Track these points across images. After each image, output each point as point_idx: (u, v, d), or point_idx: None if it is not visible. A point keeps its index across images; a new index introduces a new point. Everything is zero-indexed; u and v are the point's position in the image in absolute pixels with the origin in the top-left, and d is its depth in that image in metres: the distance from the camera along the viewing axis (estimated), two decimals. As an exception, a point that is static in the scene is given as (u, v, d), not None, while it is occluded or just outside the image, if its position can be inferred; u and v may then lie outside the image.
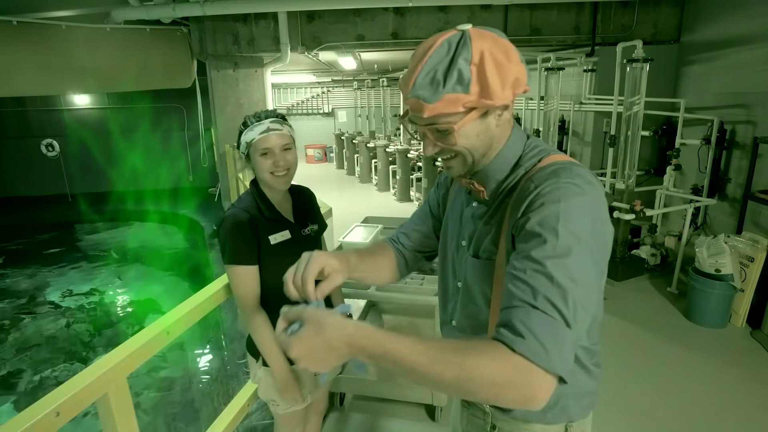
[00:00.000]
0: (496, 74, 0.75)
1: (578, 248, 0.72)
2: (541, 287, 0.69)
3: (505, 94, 0.77)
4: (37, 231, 8.76)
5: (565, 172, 0.78)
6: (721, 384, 2.79)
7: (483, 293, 0.91)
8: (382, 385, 2.40)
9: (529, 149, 0.89)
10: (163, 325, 1.19)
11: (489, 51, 0.75)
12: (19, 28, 5.81)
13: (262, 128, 1.42)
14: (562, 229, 0.72)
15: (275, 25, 5.90)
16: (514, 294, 0.71)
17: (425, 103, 0.77)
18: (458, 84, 0.75)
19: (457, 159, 0.86)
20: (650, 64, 3.90)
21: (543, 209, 0.75)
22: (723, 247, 3.22)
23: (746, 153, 4.27)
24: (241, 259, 1.43)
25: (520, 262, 0.73)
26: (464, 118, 0.78)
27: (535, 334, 0.66)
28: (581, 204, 0.75)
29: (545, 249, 0.72)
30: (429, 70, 0.77)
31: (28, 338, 5.14)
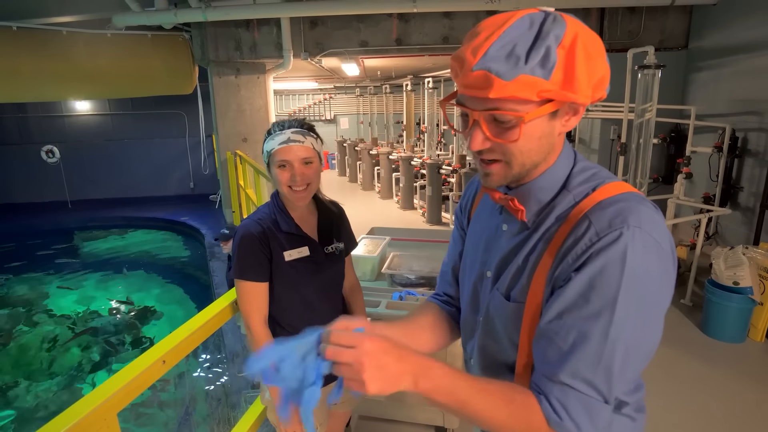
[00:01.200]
0: (585, 65, 0.62)
1: (638, 318, 0.65)
2: (583, 365, 0.65)
3: (588, 92, 0.64)
4: (36, 238, 8.68)
5: (633, 217, 0.64)
6: (740, 401, 2.68)
7: (508, 336, 0.79)
8: (390, 405, 2.29)
9: (579, 170, 0.74)
10: (159, 353, 1.09)
11: (583, 38, 0.63)
12: (19, 34, 5.76)
13: (282, 138, 1.31)
14: (622, 299, 0.63)
15: (278, 31, 5.84)
16: (553, 360, 0.67)
17: (498, 79, 0.61)
18: (540, 66, 0.61)
19: (502, 164, 0.70)
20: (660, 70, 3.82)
21: (603, 268, 0.63)
22: (741, 258, 3.12)
23: (760, 161, 4.17)
24: (248, 275, 1.34)
25: (563, 323, 0.66)
26: (537, 109, 0.64)
27: (571, 414, 0.66)
28: (649, 266, 0.64)
29: (598, 319, 0.64)
30: (507, 42, 0.62)
31: (25, 347, 5.04)
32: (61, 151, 9.92)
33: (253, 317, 1.37)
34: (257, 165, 4.76)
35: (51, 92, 6.78)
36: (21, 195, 10.02)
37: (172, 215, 8.85)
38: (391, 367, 0.62)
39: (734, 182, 4.44)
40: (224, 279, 5.14)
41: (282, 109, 13.58)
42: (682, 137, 5.03)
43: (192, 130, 9.83)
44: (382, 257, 2.40)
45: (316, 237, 1.46)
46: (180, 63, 6.56)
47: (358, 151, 9.99)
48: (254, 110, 6.54)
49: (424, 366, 0.65)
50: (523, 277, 0.74)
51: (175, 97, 7.80)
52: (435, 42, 5.83)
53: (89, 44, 6.09)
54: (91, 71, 6.25)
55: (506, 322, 0.78)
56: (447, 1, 5.36)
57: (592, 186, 0.72)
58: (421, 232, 2.91)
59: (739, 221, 4.42)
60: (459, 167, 6.27)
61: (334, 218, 1.54)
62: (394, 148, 8.87)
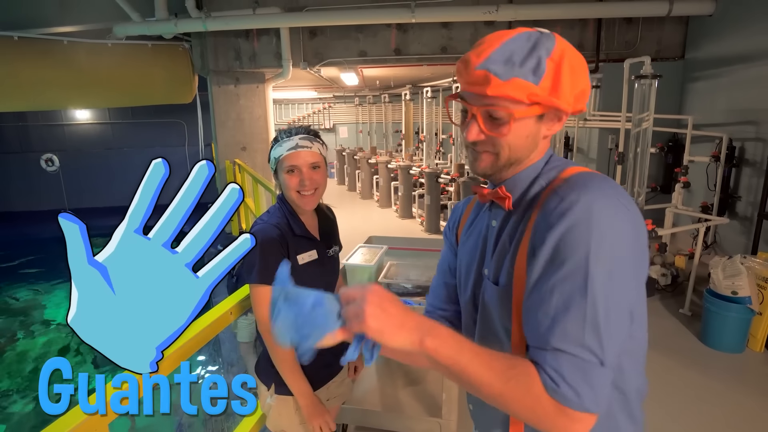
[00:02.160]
0: (569, 77, 0.73)
1: (613, 275, 0.67)
2: (571, 326, 0.66)
3: (569, 100, 0.74)
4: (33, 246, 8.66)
5: (593, 182, 0.71)
6: (740, 411, 2.65)
7: (503, 324, 0.81)
8: (387, 416, 2.27)
9: (551, 161, 0.83)
10: (152, 363, 1.08)
11: (569, 55, 0.74)
12: (20, 44, 5.79)
13: (290, 144, 1.34)
14: (594, 257, 0.66)
15: (277, 41, 5.89)
16: (542, 330, 0.68)
17: (495, 78, 0.71)
18: (532, 73, 0.71)
19: (491, 155, 0.79)
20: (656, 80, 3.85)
21: (572, 229, 0.67)
22: (740, 268, 3.11)
23: (757, 170, 4.18)
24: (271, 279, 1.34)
25: (545, 288, 0.68)
26: (526, 108, 0.73)
27: (567, 380, 0.65)
28: (616, 224, 0.68)
29: (575, 278, 0.66)
30: (506, 50, 0.72)
31: (21, 356, 5.00)
32: (61, 159, 9.94)
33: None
34: (256, 174, 4.77)
35: (51, 101, 6.80)
36: (19, 203, 10.02)
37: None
38: (394, 314, 0.66)
39: (732, 191, 4.45)
40: (222, 288, 5.12)
41: (281, 118, 13.64)
42: (680, 147, 5.05)
43: (191, 138, 9.86)
44: (379, 266, 2.39)
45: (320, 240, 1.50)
46: (180, 72, 6.60)
47: (357, 160, 10.01)
48: (253, 119, 6.56)
49: (430, 324, 0.68)
50: (507, 260, 0.79)
51: (175, 106, 7.82)
52: (433, 52, 5.87)
53: (90, 54, 6.13)
54: (91, 80, 6.28)
55: (498, 309, 0.81)
56: (445, 11, 5.41)
57: (559, 169, 0.80)
58: (418, 241, 2.91)
59: (737, 230, 4.42)
60: (457, 176, 6.28)
61: (330, 222, 1.58)
62: (393, 157, 8.89)
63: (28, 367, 4.84)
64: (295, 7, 5.69)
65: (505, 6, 5.15)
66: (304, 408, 1.41)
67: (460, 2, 5.50)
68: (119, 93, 6.67)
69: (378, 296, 0.66)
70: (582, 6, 5.36)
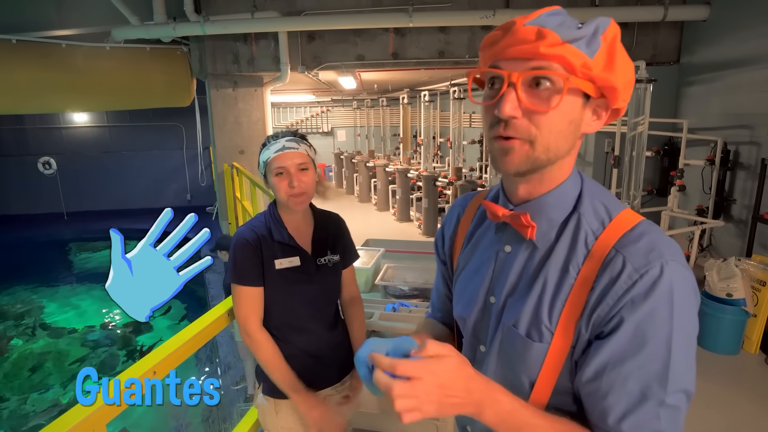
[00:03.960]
0: (622, 59, 0.63)
1: (688, 354, 0.63)
2: (647, 416, 0.62)
3: (620, 85, 0.64)
4: (30, 249, 8.64)
5: (666, 250, 0.63)
6: (735, 413, 2.67)
7: (527, 375, 0.72)
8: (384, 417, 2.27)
9: (588, 192, 0.71)
10: (149, 364, 1.09)
11: (620, 39, 0.65)
12: (18, 47, 5.80)
13: (277, 146, 1.36)
14: (676, 341, 0.61)
15: (275, 45, 5.91)
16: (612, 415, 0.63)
17: (551, 33, 0.59)
18: (586, 45, 0.61)
19: (526, 145, 0.64)
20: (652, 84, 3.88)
21: (656, 311, 0.61)
22: (734, 270, 3.13)
23: (751, 174, 4.21)
24: (243, 279, 1.38)
25: (621, 373, 0.62)
26: (578, 82, 0.62)
27: None
28: (690, 300, 0.63)
29: (654, 364, 0.61)
30: (560, 14, 0.63)
31: (18, 360, 4.99)
32: (58, 162, 9.93)
33: (250, 321, 1.39)
34: (254, 177, 4.78)
35: (49, 104, 6.81)
36: (16, 206, 10.00)
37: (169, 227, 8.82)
38: (453, 402, 0.58)
39: (727, 195, 4.47)
40: (220, 290, 5.13)
41: (279, 121, 13.65)
42: (676, 150, 5.08)
43: (189, 142, 9.87)
44: (376, 269, 2.40)
45: (310, 248, 1.47)
46: (178, 76, 6.61)
47: (355, 163, 10.03)
48: (251, 123, 6.58)
49: (491, 396, 0.61)
50: (544, 314, 0.68)
51: (173, 110, 7.84)
52: (431, 56, 5.90)
53: (88, 57, 6.14)
54: (89, 84, 6.28)
55: (524, 362, 0.72)
56: (443, 16, 5.44)
57: (605, 213, 0.69)
58: (415, 243, 2.93)
59: (732, 233, 4.45)
60: (455, 179, 6.30)
61: (330, 230, 1.54)
62: (391, 161, 8.90)
63: (25, 369, 4.82)
64: (293, 12, 5.72)
65: (502, 10, 5.18)
66: (298, 404, 1.39)
67: (458, 7, 5.54)
68: (117, 96, 6.68)
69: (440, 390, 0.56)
70: (577, 11, 5.40)
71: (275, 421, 1.48)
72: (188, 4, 5.37)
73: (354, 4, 5.68)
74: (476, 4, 5.57)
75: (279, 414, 1.47)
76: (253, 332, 1.39)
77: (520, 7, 5.40)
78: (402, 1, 5.44)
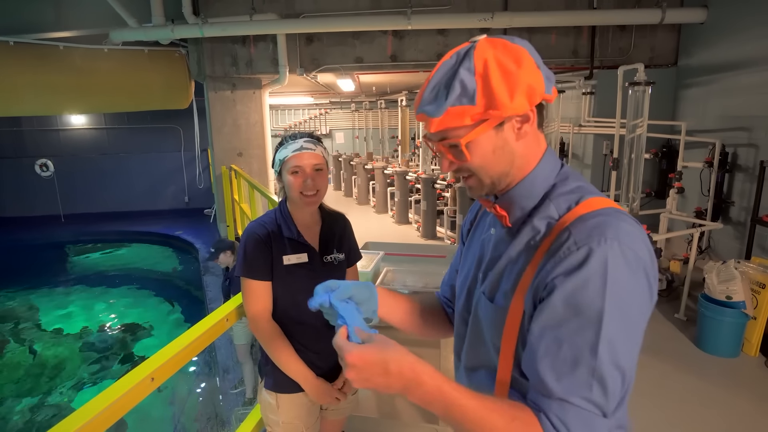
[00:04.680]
0: (502, 83, 0.70)
1: (623, 331, 0.67)
2: (579, 381, 0.66)
3: (516, 104, 0.71)
4: (27, 252, 8.59)
5: (611, 231, 0.68)
6: (736, 415, 2.67)
7: (493, 342, 0.82)
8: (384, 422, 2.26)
9: (562, 180, 0.79)
10: (148, 370, 1.07)
11: (495, 59, 0.71)
12: (16, 49, 5.78)
13: (296, 146, 1.40)
14: (608, 313, 0.65)
15: (274, 47, 5.90)
16: (549, 379, 0.68)
17: (430, 118, 0.74)
18: (463, 96, 0.71)
19: (474, 178, 0.79)
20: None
21: (587, 284, 0.66)
22: (734, 273, 3.13)
23: (750, 176, 4.22)
24: (253, 274, 1.41)
25: (555, 338, 0.68)
26: (472, 131, 0.73)
27: (571, 430, 0.67)
28: (630, 278, 0.67)
29: (586, 334, 0.66)
30: (434, 84, 0.75)
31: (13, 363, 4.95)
32: (56, 164, 9.89)
33: (260, 314, 1.42)
34: (252, 179, 4.77)
35: (47, 106, 6.79)
36: (13, 208, 9.95)
37: (167, 229, 8.81)
38: (376, 382, 0.68)
39: (725, 197, 4.48)
40: (218, 294, 5.10)
41: (277, 123, 13.65)
42: (674, 152, 5.09)
43: (187, 144, 9.84)
44: (376, 272, 2.39)
45: (317, 246, 1.51)
46: (176, 78, 6.60)
47: (354, 165, 10.02)
48: (250, 125, 6.56)
49: (413, 383, 0.68)
50: (505, 282, 0.78)
51: (170, 112, 7.83)
52: (429, 58, 5.91)
53: (86, 59, 6.13)
54: (87, 86, 6.27)
55: (490, 326, 0.81)
56: (441, 18, 5.45)
57: (575, 199, 0.75)
58: (414, 246, 2.91)
59: (730, 235, 4.45)
60: (453, 182, 6.30)
61: (337, 229, 1.58)
62: (389, 163, 8.90)
63: (19, 372, 4.78)
64: (291, 14, 5.71)
65: (500, 13, 5.19)
66: (309, 392, 1.46)
67: (456, 9, 5.55)
68: (115, 98, 6.66)
69: (359, 372, 0.68)
70: (576, 14, 5.41)
71: (276, 415, 1.52)
72: (186, 6, 5.36)
73: (352, 7, 5.68)
74: (475, 6, 5.58)
75: (280, 408, 1.50)
76: (265, 325, 1.43)
77: (518, 9, 5.41)
78: (400, 4, 5.44)
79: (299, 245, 1.46)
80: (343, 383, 1.55)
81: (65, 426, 0.92)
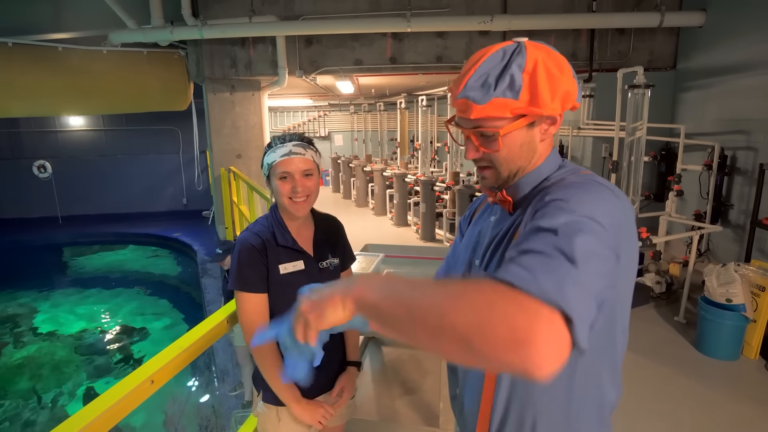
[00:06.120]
0: (547, 84, 0.75)
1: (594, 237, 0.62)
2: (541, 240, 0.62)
3: (554, 106, 0.76)
4: (24, 254, 8.55)
5: (588, 176, 0.78)
6: (735, 419, 2.66)
7: None
8: (384, 425, 2.25)
9: (562, 167, 0.87)
10: (147, 373, 1.06)
11: (543, 61, 0.76)
12: (14, 50, 5.77)
13: (283, 151, 1.34)
14: (578, 210, 0.65)
15: (273, 49, 5.90)
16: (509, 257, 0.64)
17: (474, 104, 0.77)
18: (509, 89, 0.75)
19: (493, 170, 0.85)
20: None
21: (556, 201, 0.69)
22: (734, 276, 3.13)
23: (749, 179, 4.23)
24: (247, 286, 1.36)
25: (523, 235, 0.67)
26: (511, 124, 0.78)
27: (533, 270, 0.56)
28: (606, 198, 0.70)
29: (554, 237, 0.61)
30: (481, 74, 0.77)
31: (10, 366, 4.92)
32: (54, 166, 9.85)
33: (255, 328, 1.37)
34: (251, 181, 4.75)
35: (45, 108, 6.77)
36: (10, 210, 9.90)
37: (165, 231, 8.78)
38: (321, 301, 0.68)
39: (724, 200, 4.49)
40: (216, 296, 5.08)
41: (276, 125, 13.64)
42: (673, 155, 5.10)
43: (186, 146, 9.82)
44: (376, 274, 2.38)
45: (311, 251, 1.47)
46: (175, 79, 6.59)
47: (352, 167, 10.02)
48: (249, 127, 6.56)
49: (349, 281, 0.68)
50: (499, 252, 0.84)
51: (169, 113, 7.80)
52: (429, 61, 5.91)
53: (85, 60, 6.11)
54: (86, 87, 6.25)
55: None
56: (440, 21, 5.45)
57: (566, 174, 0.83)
58: (414, 249, 2.91)
59: (730, 238, 4.46)
60: (452, 184, 6.30)
61: (330, 233, 1.54)
62: (388, 165, 8.91)
63: (17, 375, 4.75)
64: (291, 16, 5.71)
65: (500, 16, 5.20)
66: (296, 414, 1.41)
67: (456, 12, 5.56)
68: (114, 100, 6.64)
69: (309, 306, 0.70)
70: (575, 17, 5.43)
71: (277, 428, 1.47)
72: (186, 8, 5.36)
73: (352, 9, 5.68)
74: (474, 9, 5.59)
75: (281, 421, 1.46)
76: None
77: (517, 12, 5.42)
78: (400, 6, 5.45)
79: (294, 252, 1.42)
80: (339, 390, 1.51)
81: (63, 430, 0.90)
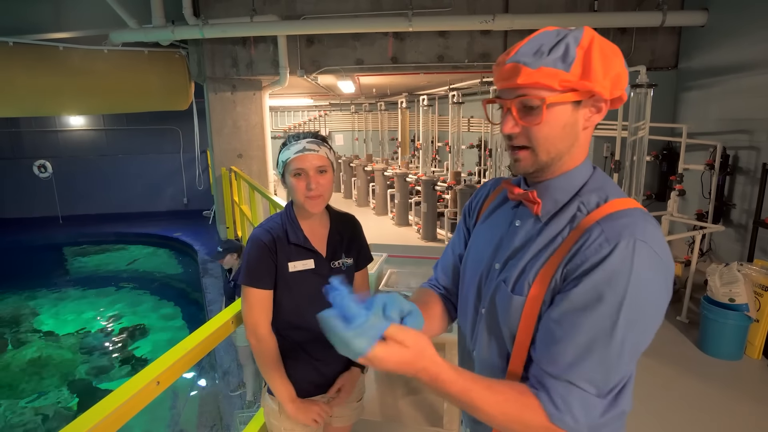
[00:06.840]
0: (600, 61, 0.73)
1: (638, 327, 0.71)
2: (589, 367, 0.71)
3: (605, 83, 0.73)
4: (24, 253, 8.55)
5: (639, 231, 0.72)
6: (738, 419, 2.65)
7: (509, 327, 0.83)
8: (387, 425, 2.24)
9: (594, 180, 0.82)
10: (153, 373, 1.05)
11: (599, 41, 0.74)
12: (15, 50, 5.77)
13: (298, 147, 1.35)
14: (626, 306, 0.69)
15: (274, 49, 5.90)
16: (561, 361, 0.72)
17: (524, 68, 0.73)
18: (561, 61, 0.73)
19: (530, 151, 0.79)
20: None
21: (613, 275, 0.70)
22: (737, 275, 3.12)
23: (751, 179, 4.22)
24: (254, 282, 1.37)
25: (574, 324, 0.72)
26: (558, 95, 0.74)
27: (572, 409, 0.72)
28: (651, 277, 0.71)
29: (604, 323, 0.70)
30: (537, 41, 0.75)
31: (11, 366, 4.92)
32: (54, 166, 9.85)
33: (260, 324, 1.38)
34: (252, 181, 4.75)
35: (46, 107, 6.77)
36: (10, 210, 9.91)
37: (165, 231, 8.77)
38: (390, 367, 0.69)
39: (726, 199, 4.48)
40: (217, 295, 5.08)
41: (277, 125, 13.63)
42: (675, 155, 5.09)
43: (187, 145, 9.82)
44: (379, 274, 2.38)
45: (324, 250, 1.46)
46: (176, 79, 6.59)
47: (353, 167, 10.01)
48: (250, 126, 6.55)
49: (431, 377, 0.71)
50: (529, 272, 0.80)
51: (170, 113, 7.81)
52: (430, 60, 5.91)
53: (85, 60, 6.11)
54: (87, 87, 6.25)
55: (508, 314, 0.82)
56: (442, 20, 5.45)
57: (603, 197, 0.79)
58: (417, 248, 2.91)
59: (732, 238, 4.45)
60: (454, 184, 6.29)
61: (345, 233, 1.53)
62: (389, 165, 8.90)
63: (16, 374, 4.75)
64: (292, 15, 5.71)
65: (502, 16, 5.20)
66: (290, 413, 1.42)
67: (457, 11, 5.55)
68: (115, 99, 6.65)
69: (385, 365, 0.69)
70: (577, 16, 5.42)
71: (279, 421, 1.49)
72: (187, 7, 5.35)
73: (353, 9, 5.68)
74: (476, 8, 5.58)
75: (282, 415, 1.47)
76: (263, 336, 1.39)
77: (519, 11, 5.42)
78: (401, 6, 5.45)
79: (305, 251, 1.42)
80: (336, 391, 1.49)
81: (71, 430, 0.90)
